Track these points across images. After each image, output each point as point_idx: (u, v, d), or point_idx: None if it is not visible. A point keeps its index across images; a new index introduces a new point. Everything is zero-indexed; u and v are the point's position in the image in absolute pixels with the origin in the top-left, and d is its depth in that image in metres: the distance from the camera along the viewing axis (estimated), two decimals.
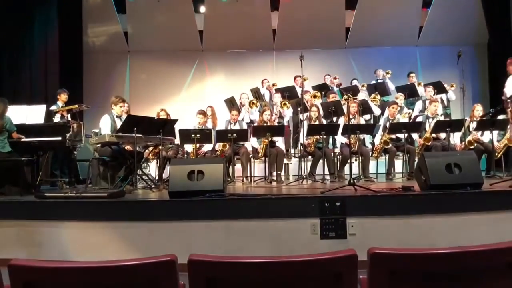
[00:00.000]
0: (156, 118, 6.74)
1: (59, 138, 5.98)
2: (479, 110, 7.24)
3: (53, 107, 7.09)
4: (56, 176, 6.86)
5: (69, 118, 7.04)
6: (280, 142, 7.29)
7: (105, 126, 5.97)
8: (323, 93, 8.77)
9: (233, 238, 4.03)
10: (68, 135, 6.10)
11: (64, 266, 1.61)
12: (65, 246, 4.11)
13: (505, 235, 2.90)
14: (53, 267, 1.60)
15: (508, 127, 6.71)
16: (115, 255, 3.89)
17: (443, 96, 8.70)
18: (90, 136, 6.96)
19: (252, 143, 7.24)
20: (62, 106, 7.20)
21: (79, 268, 1.60)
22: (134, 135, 5.34)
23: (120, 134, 5.44)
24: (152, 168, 7.93)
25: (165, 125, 5.88)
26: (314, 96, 8.37)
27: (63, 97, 7.34)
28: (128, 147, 5.97)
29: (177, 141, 6.91)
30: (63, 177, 6.76)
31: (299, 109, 7.49)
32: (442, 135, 7.00)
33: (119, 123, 5.86)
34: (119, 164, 5.88)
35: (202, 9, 10.87)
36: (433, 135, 6.93)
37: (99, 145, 5.80)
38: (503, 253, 1.63)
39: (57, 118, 6.86)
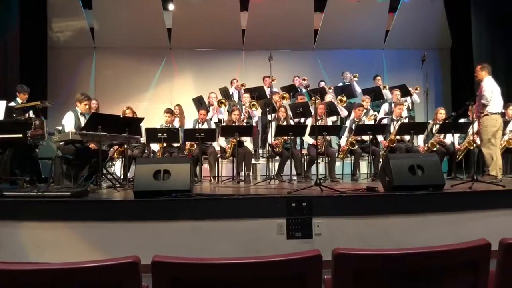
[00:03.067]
0: (121, 116, 6.64)
1: (20, 135, 5.77)
2: (442, 113, 7.44)
3: (13, 103, 6.84)
4: (16, 174, 6.62)
5: (31, 115, 6.82)
6: (248, 142, 7.30)
7: (68, 123, 5.83)
8: (291, 94, 8.83)
9: (199, 239, 4.00)
10: (29, 132, 5.90)
11: (23, 268, 1.55)
12: (25, 247, 3.98)
13: (466, 235, 2.99)
14: (11, 269, 1.54)
15: (469, 130, 6.92)
16: (77, 256, 3.81)
17: (408, 99, 8.90)
18: (53, 134, 6.76)
19: (220, 142, 7.22)
20: (22, 103, 6.96)
21: (39, 270, 1.54)
22: (99, 133, 5.22)
23: (84, 132, 5.31)
24: (117, 167, 7.79)
25: (131, 124, 5.78)
26: (283, 97, 8.41)
27: (22, 96, 7.05)
28: (92, 146, 5.84)
29: (143, 140, 6.81)
30: (23, 175, 6.53)
31: (267, 109, 7.52)
32: (406, 137, 7.16)
33: (83, 121, 5.75)
34: (83, 162, 5.74)
35: (171, 6, 10.75)
36: (398, 137, 7.09)
37: (62, 143, 5.65)
38: (464, 252, 1.68)
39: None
